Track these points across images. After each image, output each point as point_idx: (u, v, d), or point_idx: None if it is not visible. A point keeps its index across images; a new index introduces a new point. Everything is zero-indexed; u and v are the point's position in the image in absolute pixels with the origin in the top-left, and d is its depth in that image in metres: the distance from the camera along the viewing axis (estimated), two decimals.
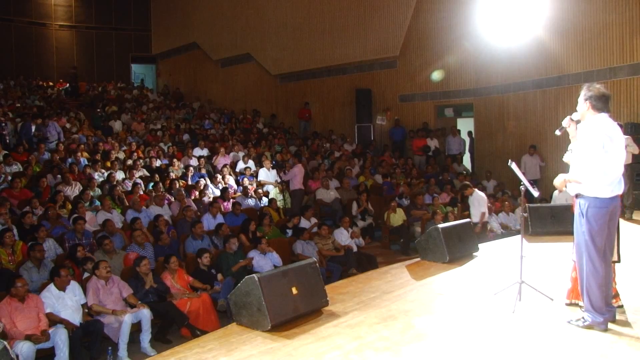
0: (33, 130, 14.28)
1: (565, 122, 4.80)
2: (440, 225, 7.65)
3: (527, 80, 14.29)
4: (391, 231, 11.56)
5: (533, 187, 5.46)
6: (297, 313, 5.02)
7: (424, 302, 5.62)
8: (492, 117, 15.55)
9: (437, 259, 7.37)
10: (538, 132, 14.12)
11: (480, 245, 8.07)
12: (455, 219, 10.37)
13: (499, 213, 11.76)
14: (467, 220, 8.67)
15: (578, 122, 4.65)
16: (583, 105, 4.54)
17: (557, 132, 4.89)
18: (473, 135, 16.63)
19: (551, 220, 8.94)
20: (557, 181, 4.66)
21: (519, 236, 5.78)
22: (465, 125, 17.06)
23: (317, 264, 5.48)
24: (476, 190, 10.86)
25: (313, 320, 5.09)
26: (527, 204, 8.69)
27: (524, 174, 5.78)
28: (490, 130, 15.66)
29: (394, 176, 14.38)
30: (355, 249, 10.13)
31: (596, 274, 4.46)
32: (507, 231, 11.21)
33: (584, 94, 4.53)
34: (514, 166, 5.40)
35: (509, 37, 13.55)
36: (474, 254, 7.81)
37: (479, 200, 10.57)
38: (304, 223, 10.62)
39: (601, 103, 4.45)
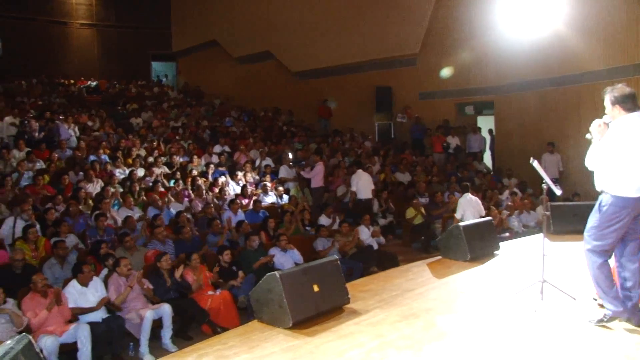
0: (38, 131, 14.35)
1: (594, 127, 4.64)
2: (462, 224, 7.61)
3: (547, 78, 14.11)
4: (412, 229, 11.52)
5: (555, 185, 5.42)
6: (318, 310, 5.03)
7: (445, 301, 5.60)
8: (512, 114, 15.42)
9: (459, 257, 7.33)
10: (559, 130, 13.96)
11: (501, 244, 8.02)
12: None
13: (517, 211, 11.65)
14: (489, 218, 8.62)
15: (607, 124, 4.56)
16: (613, 109, 4.44)
17: (588, 136, 4.75)
18: (494, 133, 16.52)
19: (573, 219, 8.83)
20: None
21: (540, 235, 5.74)
22: (485, 123, 16.93)
23: (339, 262, 5.48)
24: (469, 193, 10.75)
25: (334, 318, 5.10)
26: (549, 202, 8.62)
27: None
28: (510, 128, 15.53)
29: (414, 174, 14.34)
30: (376, 246, 10.12)
31: (602, 267, 4.49)
32: (528, 230, 11.12)
33: (609, 97, 4.44)
34: (535, 164, 5.36)
35: (529, 33, 13.43)
36: (495, 252, 7.76)
37: (466, 204, 10.52)
38: (324, 220, 10.64)
39: (630, 102, 4.37)
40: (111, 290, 7.08)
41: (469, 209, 10.46)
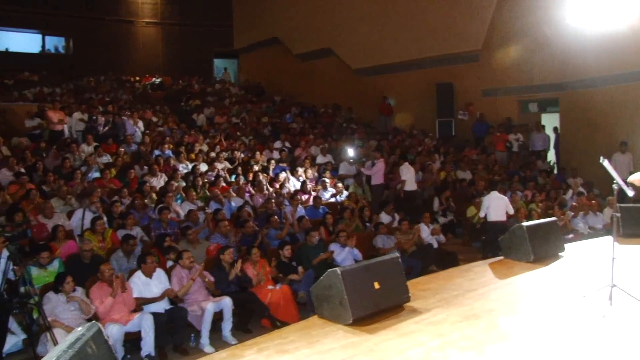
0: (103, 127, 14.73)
1: None
2: (525, 224, 7.44)
3: (618, 73, 13.56)
4: (472, 228, 11.34)
5: (628, 187, 5.23)
6: (378, 308, 5.02)
7: (507, 302, 5.49)
8: (579, 112, 14.93)
9: (521, 257, 7.17)
10: (630, 128, 13.41)
11: (566, 246, 7.80)
12: (539, 217, 10.07)
13: (582, 212, 11.29)
14: (553, 219, 8.39)
15: None
16: None
17: None
18: (558, 131, 16.05)
19: None
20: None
21: (608, 237, 5.55)
22: (550, 121, 16.44)
23: (399, 259, 5.45)
24: (495, 191, 10.43)
25: (394, 316, 5.08)
26: (618, 204, 8.31)
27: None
28: (577, 126, 15.04)
29: (475, 172, 14.09)
30: (435, 245, 10.02)
31: None
32: (594, 232, 10.77)
33: None
34: (606, 164, 5.18)
35: (600, 27, 12.91)
36: (560, 254, 7.55)
37: (488, 201, 10.27)
38: (384, 218, 10.61)
39: None
40: (174, 282, 7.25)
41: (493, 207, 10.15)
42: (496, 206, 10.12)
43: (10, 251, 5.82)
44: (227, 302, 7.10)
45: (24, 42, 27.22)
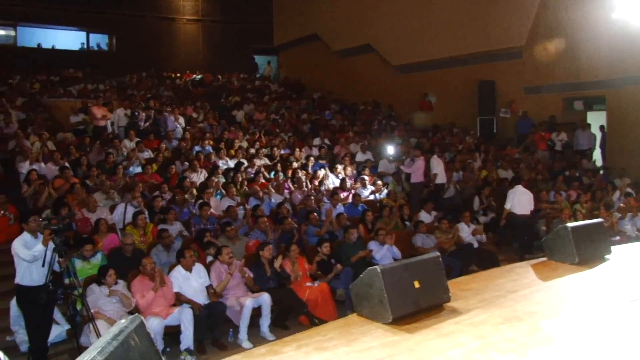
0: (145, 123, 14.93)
1: None
2: (570, 224, 7.27)
3: None
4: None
5: None
6: (418, 307, 4.96)
7: (551, 305, 5.37)
8: (627, 110, 14.54)
9: (565, 259, 7.00)
10: None
11: (613, 248, 7.59)
12: (584, 218, 9.86)
13: (630, 214, 11.00)
14: (599, 220, 8.19)
15: None
16: None
17: None
18: (605, 130, 15.66)
19: None
20: None
21: None
22: (596, 119, 16.05)
23: (440, 259, 5.39)
24: (519, 186, 10.71)
25: (434, 316, 5.01)
26: None
27: None
28: (624, 125, 14.65)
29: (517, 171, 13.87)
30: (476, 245, 9.90)
31: None
32: None
33: None
34: None
35: None
36: (606, 256, 7.36)
37: (511, 194, 10.62)
38: (424, 216, 10.53)
39: None
40: (213, 277, 7.35)
41: (517, 201, 10.57)
42: (520, 200, 10.48)
43: (56, 243, 5.97)
44: (265, 298, 7.17)
45: (69, 39, 27.95)
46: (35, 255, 6.02)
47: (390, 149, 14.23)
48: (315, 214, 9.75)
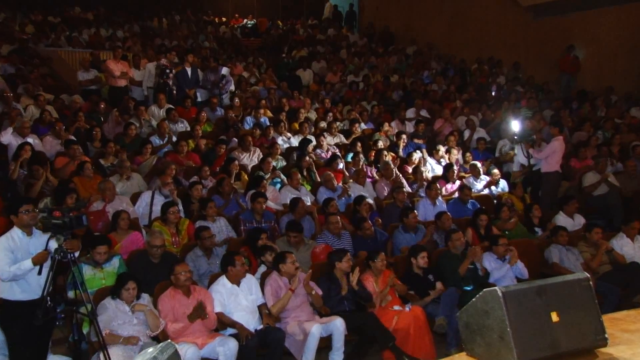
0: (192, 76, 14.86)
1: None
2: None
3: None
4: None
5: None
6: (556, 350, 4.81)
7: None
8: None
9: None
10: None
11: None
12: None
13: None
14: None
15: None
16: None
17: None
18: None
19: None
20: None
21: None
22: None
23: (591, 282, 5.19)
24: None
25: None
26: None
27: None
28: None
29: None
30: None
31: None
32: None
33: None
34: None
35: None
36: None
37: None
38: (563, 220, 10.25)
39: None
40: (268, 294, 7.33)
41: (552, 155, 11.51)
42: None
43: (60, 243, 5.77)
44: (338, 325, 7.12)
45: None
46: (16, 275, 5.99)
47: (515, 125, 13.91)
48: (416, 213, 9.61)
